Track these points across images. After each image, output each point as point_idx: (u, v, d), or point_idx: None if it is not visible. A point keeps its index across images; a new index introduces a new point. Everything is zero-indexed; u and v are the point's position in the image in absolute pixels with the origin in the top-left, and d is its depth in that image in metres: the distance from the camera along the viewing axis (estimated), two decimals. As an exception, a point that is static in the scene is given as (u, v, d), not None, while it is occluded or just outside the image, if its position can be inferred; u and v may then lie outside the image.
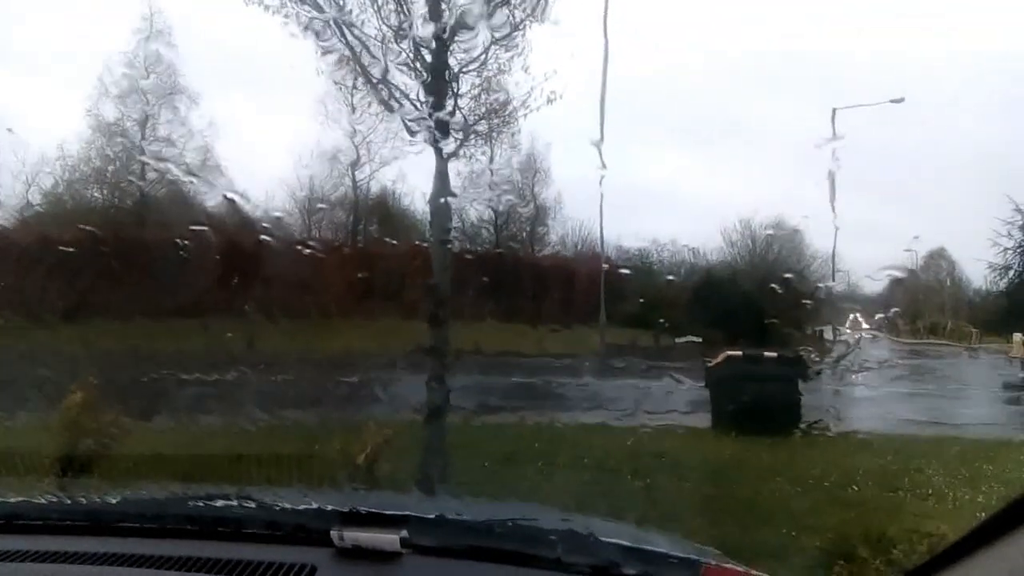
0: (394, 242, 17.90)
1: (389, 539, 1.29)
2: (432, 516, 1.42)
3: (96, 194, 19.03)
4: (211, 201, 19.95)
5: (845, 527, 4.58)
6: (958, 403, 11.96)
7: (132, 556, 1.29)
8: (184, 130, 19.87)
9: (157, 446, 5.83)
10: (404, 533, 1.30)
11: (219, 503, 1.46)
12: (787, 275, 17.61)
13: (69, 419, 4.90)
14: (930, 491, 5.58)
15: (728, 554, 1.67)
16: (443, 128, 6.21)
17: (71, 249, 12.66)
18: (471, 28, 6.72)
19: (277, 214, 17.70)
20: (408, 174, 18.73)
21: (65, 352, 9.56)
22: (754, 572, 1.34)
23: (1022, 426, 9.72)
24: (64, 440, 5.05)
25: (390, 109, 6.61)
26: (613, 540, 1.37)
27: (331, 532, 1.29)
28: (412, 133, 6.41)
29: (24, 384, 8.07)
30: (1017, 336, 16.96)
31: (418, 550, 1.31)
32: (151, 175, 19.77)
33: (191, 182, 19.69)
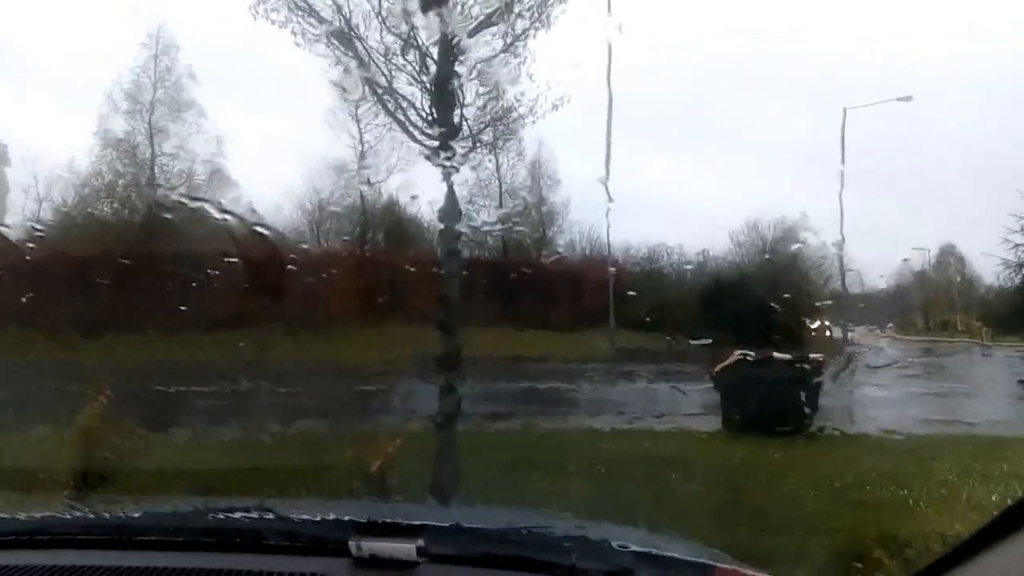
0: (403, 251, 17.98)
1: (406, 548, 1.32)
2: (447, 525, 1.45)
3: (107, 209, 19.22)
4: (220, 215, 20.13)
5: (859, 528, 4.57)
6: (972, 401, 11.86)
7: (154, 569, 1.33)
8: (193, 143, 20.10)
9: (174, 458, 5.89)
10: (420, 542, 1.33)
11: (238, 515, 1.49)
12: (796, 276, 17.56)
13: (85, 431, 4.96)
14: (945, 491, 5.55)
15: (740, 557, 1.69)
16: (449, 137, 6.27)
17: (84, 264, 12.80)
18: (476, 36, 6.80)
19: (285, 227, 17.82)
20: (416, 182, 18.81)
21: (81, 365, 9.66)
22: (765, 575, 1.36)
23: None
24: (80, 453, 5.12)
25: (397, 120, 6.68)
26: (626, 546, 1.40)
27: (348, 542, 1.32)
28: (418, 142, 6.48)
29: (41, 398, 8.17)
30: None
31: (434, 559, 1.34)
32: (161, 190, 19.97)
33: (200, 198, 19.88)
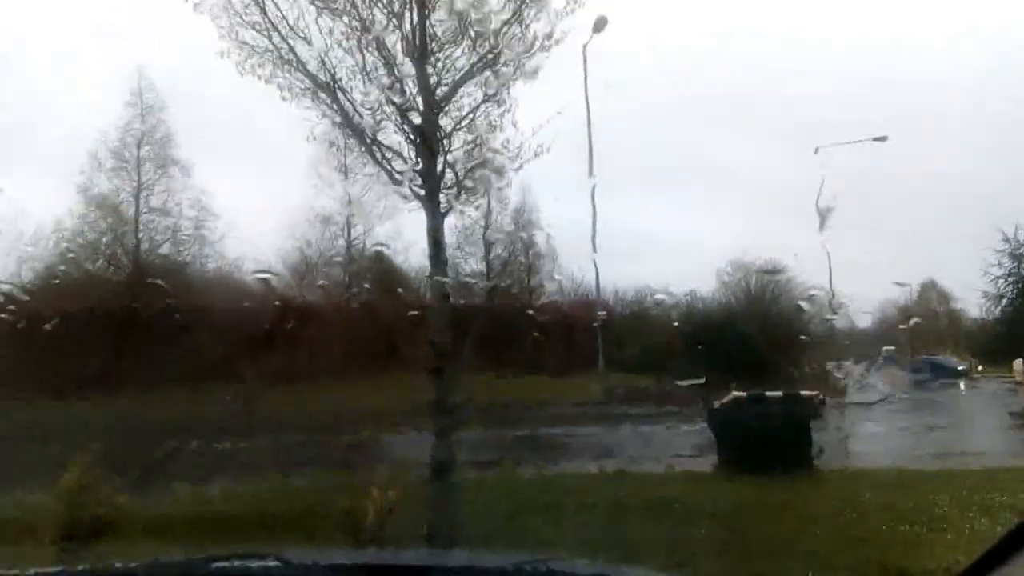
0: (391, 300, 17.95)
1: None
2: (456, 566, 1.42)
3: (91, 266, 19.10)
4: (205, 269, 20.07)
5: (863, 564, 4.52)
6: (965, 434, 11.87)
7: None
8: (178, 199, 20.14)
9: (159, 516, 5.73)
10: None
11: (242, 563, 1.45)
12: (783, 314, 17.67)
13: (73, 488, 4.84)
14: (945, 524, 5.51)
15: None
16: (435, 185, 6.34)
17: (66, 324, 12.64)
18: (461, 87, 6.93)
19: (267, 275, 17.75)
20: (403, 231, 18.92)
21: (64, 425, 9.47)
22: None
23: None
24: (64, 517, 4.97)
25: (384, 169, 6.75)
26: None
27: None
28: (403, 194, 6.54)
29: (22, 459, 7.97)
30: (1017, 363, 16.98)
31: None
32: (145, 246, 19.91)
33: (186, 252, 19.84)
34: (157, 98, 19.52)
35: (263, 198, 28.71)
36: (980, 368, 20.20)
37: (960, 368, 21.02)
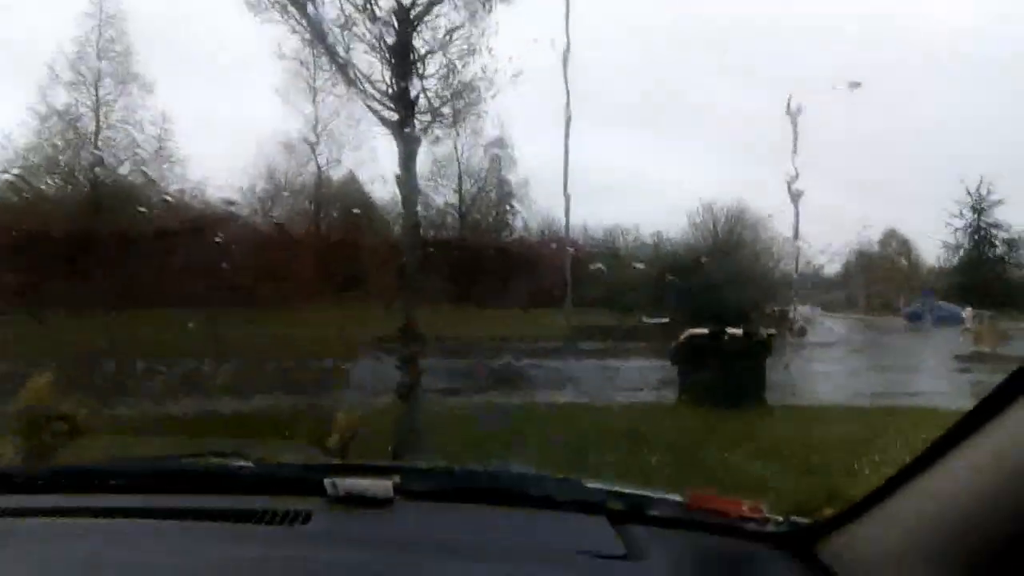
0: (361, 228, 17.76)
1: (382, 485, 1.31)
2: (423, 466, 1.46)
3: (49, 182, 18.45)
4: (169, 189, 19.53)
5: (810, 491, 4.74)
6: (913, 375, 12.38)
7: (127, 508, 1.30)
8: (139, 117, 19.39)
9: (121, 431, 5.74)
10: (397, 480, 1.33)
11: (213, 460, 1.47)
12: (749, 258, 17.97)
13: (34, 402, 4.80)
14: (888, 457, 5.79)
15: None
16: (409, 110, 6.20)
17: (24, 238, 12.30)
18: (434, 7, 6.71)
19: (236, 201, 17.37)
20: (374, 159, 18.57)
21: (18, 344, 9.32)
22: (738, 499, 1.39)
23: (972, 394, 10.11)
24: (23, 431, 4.94)
25: (357, 90, 6.56)
26: (601, 485, 1.43)
27: (324, 481, 1.31)
28: (375, 118, 6.39)
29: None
30: (967, 310, 17.62)
31: (410, 495, 1.34)
32: (104, 164, 19.25)
33: (146, 171, 19.23)
34: (118, 8, 18.56)
35: (229, 119, 27.75)
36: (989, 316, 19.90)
37: (963, 316, 20.75)
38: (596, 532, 1.26)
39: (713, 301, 13.31)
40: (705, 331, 9.25)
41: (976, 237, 29.13)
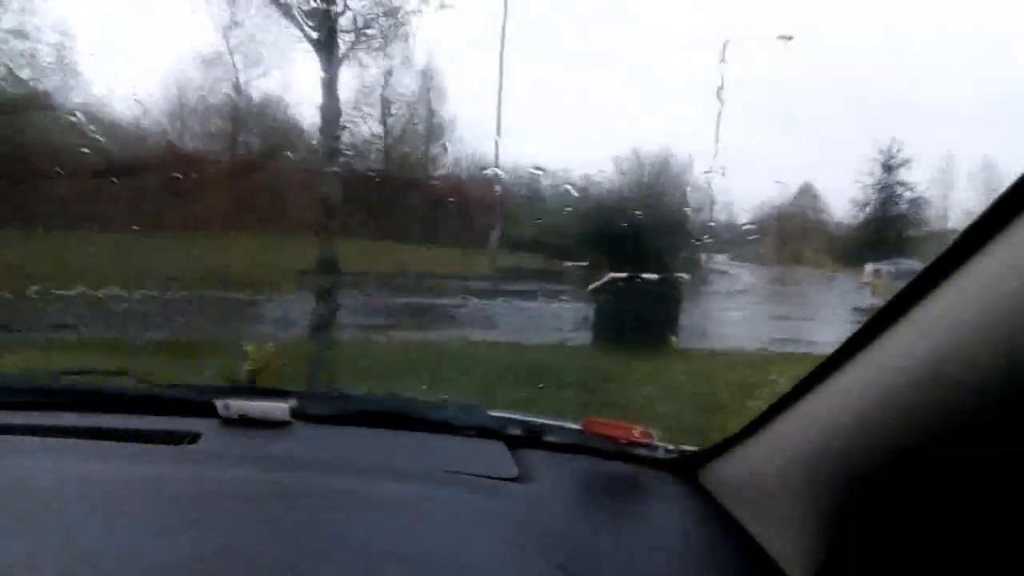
0: (279, 154, 17.06)
1: (278, 407, 1.29)
2: (321, 392, 1.44)
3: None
4: (69, 105, 18.15)
5: (707, 428, 5.02)
6: (813, 324, 13.10)
7: (5, 425, 1.24)
8: (37, 22, 17.75)
9: (19, 362, 5.46)
10: (294, 402, 1.31)
11: (93, 380, 1.41)
12: (671, 206, 18.35)
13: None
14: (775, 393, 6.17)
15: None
16: (330, 28, 5.91)
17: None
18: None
19: (145, 124, 16.32)
20: (294, 82, 17.74)
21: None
22: (630, 425, 1.44)
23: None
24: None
25: (280, 7, 6.17)
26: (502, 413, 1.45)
27: (216, 402, 1.28)
28: (301, 30, 6.04)
29: None
30: (868, 266, 18.63)
31: (308, 419, 1.32)
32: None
33: (47, 81, 17.75)
34: None
35: (138, 28, 25.78)
36: (835, 268, 21.25)
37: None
38: (491, 455, 1.29)
39: (634, 247, 13.61)
40: (620, 275, 9.50)
41: (883, 195, 30.66)
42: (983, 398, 0.63)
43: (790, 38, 18.88)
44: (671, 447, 1.37)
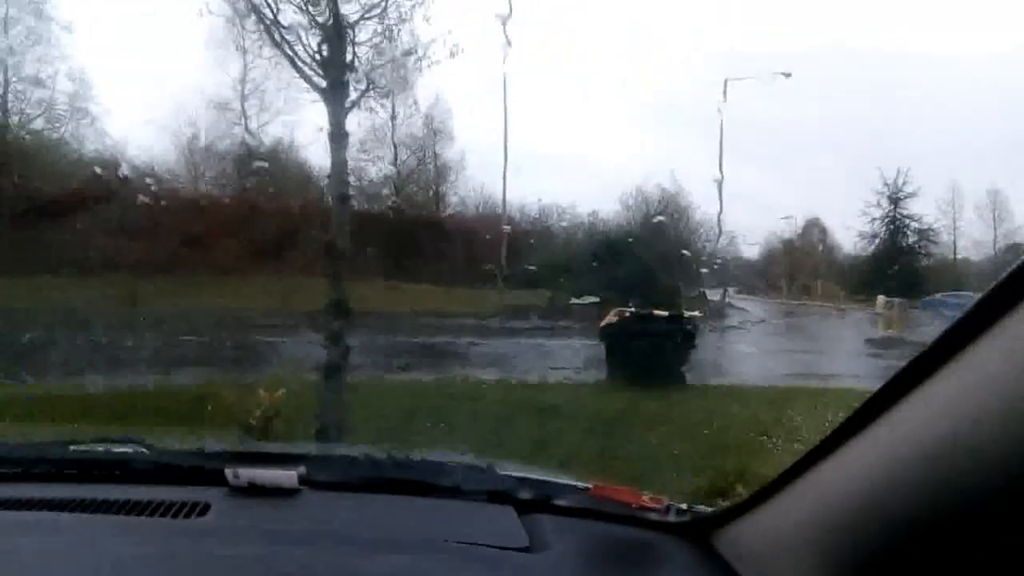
0: (290, 197, 17.25)
1: (287, 475, 1.27)
2: (329, 454, 1.43)
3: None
4: (83, 149, 18.50)
5: (723, 468, 4.94)
6: (826, 358, 12.97)
7: (7, 500, 1.23)
8: (53, 70, 18.20)
9: (26, 405, 5.47)
10: (302, 469, 1.29)
11: (103, 447, 1.40)
12: (678, 241, 18.40)
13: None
14: (799, 437, 6.07)
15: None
16: (341, 77, 6.00)
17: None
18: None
19: (158, 167, 16.62)
20: (305, 126, 18.04)
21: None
22: (638, 490, 1.42)
23: (882, 378, 10.67)
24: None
25: (284, 54, 6.29)
26: (507, 471, 1.43)
27: (225, 470, 1.26)
28: (309, 81, 6.14)
29: None
30: (880, 298, 18.52)
31: (317, 486, 1.30)
32: (14, 119, 18.05)
33: (62, 129, 18.14)
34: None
35: (152, 77, 26.44)
36: (846, 299, 21.04)
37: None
38: (501, 522, 1.27)
39: (641, 283, 13.61)
40: (631, 310, 9.47)
41: (891, 227, 30.61)
42: (997, 476, 0.62)
43: (789, 75, 19.15)
44: (684, 507, 1.35)
